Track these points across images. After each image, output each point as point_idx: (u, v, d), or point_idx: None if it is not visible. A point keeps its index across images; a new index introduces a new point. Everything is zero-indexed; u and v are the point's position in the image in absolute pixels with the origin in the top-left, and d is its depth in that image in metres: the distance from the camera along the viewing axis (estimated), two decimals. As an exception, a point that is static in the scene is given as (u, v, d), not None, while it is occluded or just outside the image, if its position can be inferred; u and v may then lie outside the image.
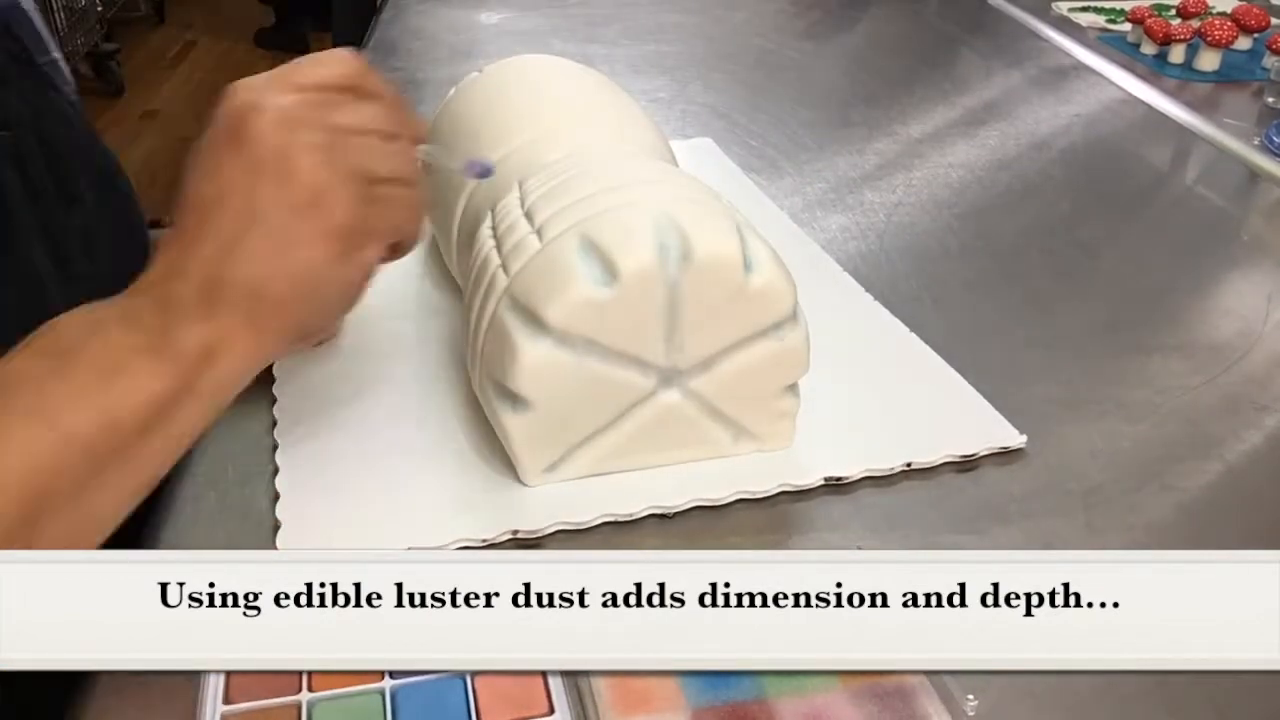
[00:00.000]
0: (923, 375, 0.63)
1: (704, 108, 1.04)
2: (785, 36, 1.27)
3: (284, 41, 3.39)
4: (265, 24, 3.60)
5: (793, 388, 0.55)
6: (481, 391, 0.54)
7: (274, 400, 0.59)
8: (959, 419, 0.59)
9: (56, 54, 0.65)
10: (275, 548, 0.50)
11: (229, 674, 0.43)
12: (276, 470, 0.55)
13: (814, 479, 0.55)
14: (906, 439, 0.57)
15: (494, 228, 0.56)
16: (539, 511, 0.52)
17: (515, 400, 0.51)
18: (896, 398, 0.61)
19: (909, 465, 0.56)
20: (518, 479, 0.54)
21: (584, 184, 0.54)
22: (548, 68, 0.69)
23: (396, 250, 0.51)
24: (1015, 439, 0.58)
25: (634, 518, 0.53)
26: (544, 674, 0.43)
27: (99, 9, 3.17)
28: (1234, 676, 0.46)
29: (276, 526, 0.51)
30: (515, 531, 0.51)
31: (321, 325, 0.48)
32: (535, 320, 0.50)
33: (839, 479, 0.55)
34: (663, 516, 0.53)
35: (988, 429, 0.58)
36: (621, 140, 0.62)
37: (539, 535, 0.52)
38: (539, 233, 0.52)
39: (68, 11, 2.94)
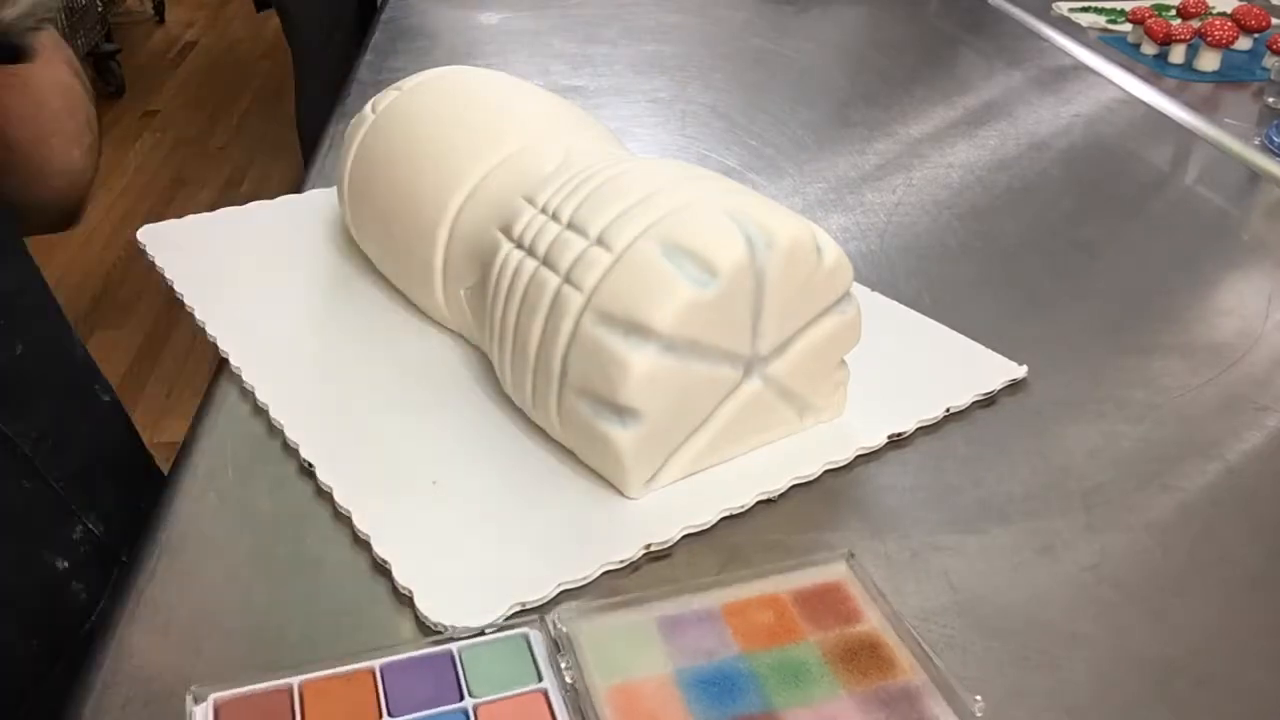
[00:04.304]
0: (926, 338, 0.67)
1: (704, 108, 1.04)
2: (785, 36, 1.27)
3: None
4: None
5: (843, 359, 0.58)
6: (568, 414, 0.53)
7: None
8: (970, 367, 0.64)
9: None
10: (277, 555, 0.50)
11: (218, 701, 0.42)
12: (304, 476, 0.54)
13: (879, 439, 0.58)
14: (937, 391, 0.62)
15: (528, 248, 0.54)
16: (663, 521, 0.52)
17: (624, 414, 0.50)
18: (911, 360, 0.65)
19: (949, 410, 0.60)
20: (608, 498, 0.53)
21: (623, 189, 0.53)
22: (478, 79, 0.68)
23: None
24: (1018, 371, 0.63)
25: (746, 508, 0.54)
26: (548, 700, 0.42)
27: (99, 9, 3.17)
28: (1235, 678, 0.46)
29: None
30: (648, 546, 0.51)
31: None
32: (638, 329, 0.49)
33: (899, 434, 0.59)
34: (769, 501, 0.54)
35: (995, 369, 0.64)
36: (599, 140, 0.62)
37: (670, 545, 0.51)
38: (603, 244, 0.51)
39: (68, 12, 2.94)
